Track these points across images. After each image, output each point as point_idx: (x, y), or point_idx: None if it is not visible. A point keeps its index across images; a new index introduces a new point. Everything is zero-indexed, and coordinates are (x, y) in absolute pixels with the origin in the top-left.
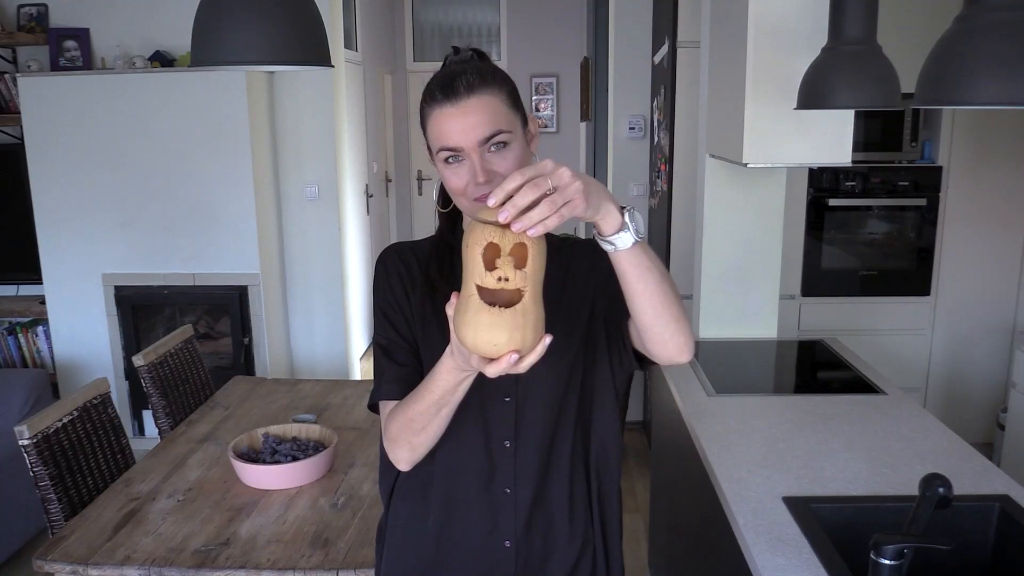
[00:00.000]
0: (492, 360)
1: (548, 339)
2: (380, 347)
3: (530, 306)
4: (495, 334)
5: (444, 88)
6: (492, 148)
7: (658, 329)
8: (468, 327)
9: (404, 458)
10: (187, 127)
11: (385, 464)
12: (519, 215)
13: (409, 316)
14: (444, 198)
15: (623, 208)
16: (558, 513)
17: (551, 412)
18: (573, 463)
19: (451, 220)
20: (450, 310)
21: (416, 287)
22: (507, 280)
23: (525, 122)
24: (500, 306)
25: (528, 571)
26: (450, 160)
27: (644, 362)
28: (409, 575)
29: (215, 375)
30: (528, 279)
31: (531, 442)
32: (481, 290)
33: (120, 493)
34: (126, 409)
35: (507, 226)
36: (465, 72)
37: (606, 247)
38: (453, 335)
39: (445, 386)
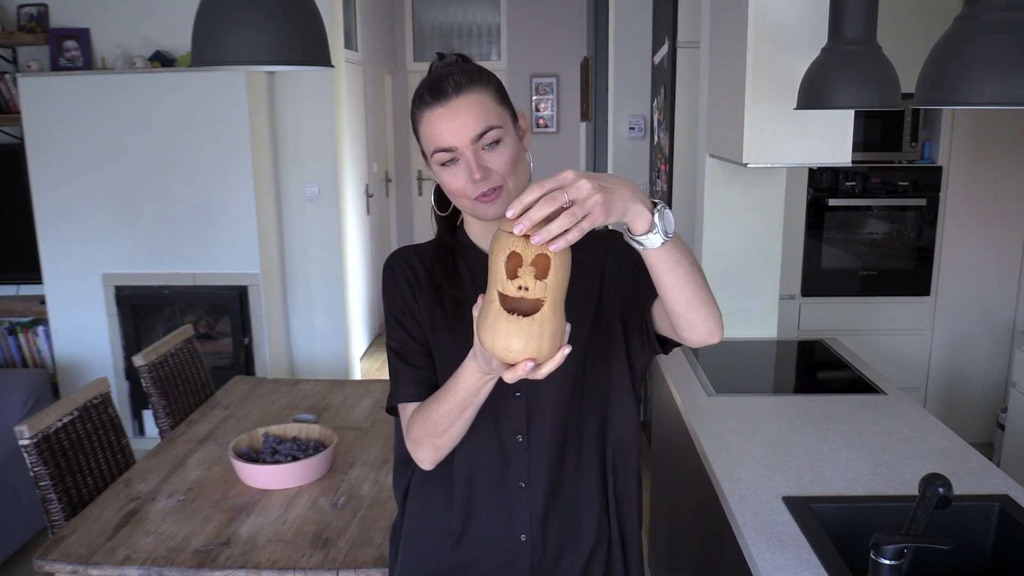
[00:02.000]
0: (510, 365)
1: (567, 350)
2: (394, 351)
3: (549, 316)
4: (511, 341)
5: (433, 90)
6: (485, 146)
7: (690, 316)
8: (487, 331)
9: (427, 458)
10: (187, 127)
11: (400, 464)
12: (536, 228)
13: (419, 318)
14: (440, 202)
15: (656, 205)
16: (573, 506)
17: (562, 406)
18: (588, 456)
19: (449, 223)
20: (476, 311)
21: (423, 289)
22: (527, 290)
23: (515, 119)
24: (520, 314)
25: (544, 564)
26: (446, 163)
27: (667, 345)
28: (429, 572)
29: (215, 375)
30: (549, 290)
31: (544, 436)
32: (502, 297)
33: (120, 493)
34: (126, 409)
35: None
36: (451, 74)
37: (635, 246)
38: (476, 337)
39: (468, 388)
